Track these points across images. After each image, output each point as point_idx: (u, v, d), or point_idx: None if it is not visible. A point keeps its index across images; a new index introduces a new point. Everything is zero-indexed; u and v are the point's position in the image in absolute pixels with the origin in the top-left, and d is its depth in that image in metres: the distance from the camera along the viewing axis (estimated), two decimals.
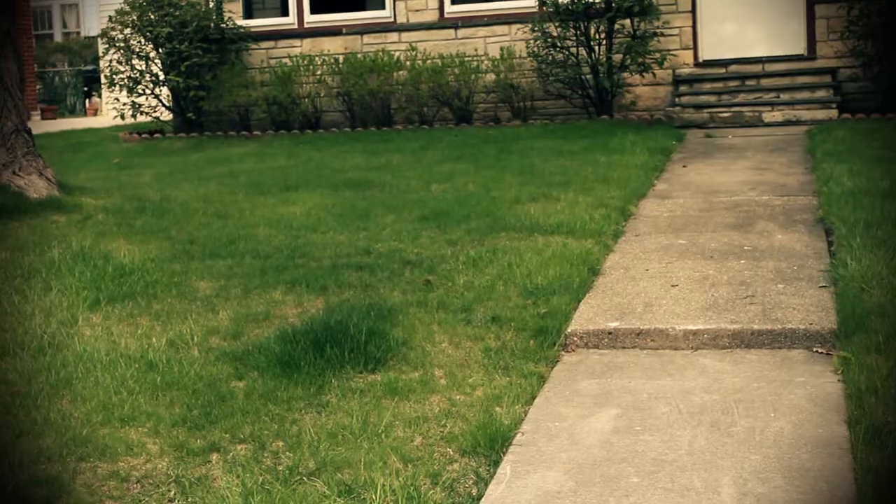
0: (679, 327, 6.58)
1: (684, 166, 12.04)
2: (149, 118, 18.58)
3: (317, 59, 17.93)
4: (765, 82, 16.40)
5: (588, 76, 16.48)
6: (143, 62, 18.10)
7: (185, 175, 12.52)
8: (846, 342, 6.14)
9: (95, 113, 32.86)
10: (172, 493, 5.02)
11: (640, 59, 15.96)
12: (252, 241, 8.79)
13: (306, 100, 17.69)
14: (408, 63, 17.43)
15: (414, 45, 17.86)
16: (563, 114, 17.15)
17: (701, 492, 4.72)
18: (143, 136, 18.11)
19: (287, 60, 18.12)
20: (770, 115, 15.68)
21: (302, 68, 17.76)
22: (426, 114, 17.35)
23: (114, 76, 18.06)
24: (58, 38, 40.53)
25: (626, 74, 16.62)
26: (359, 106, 17.51)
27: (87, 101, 35.53)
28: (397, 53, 17.77)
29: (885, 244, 7.60)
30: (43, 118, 29.39)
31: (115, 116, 18.96)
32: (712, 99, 16.27)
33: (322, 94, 17.86)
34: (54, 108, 31.74)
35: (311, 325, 6.58)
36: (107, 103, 24.23)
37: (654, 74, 16.48)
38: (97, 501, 4.91)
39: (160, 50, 17.82)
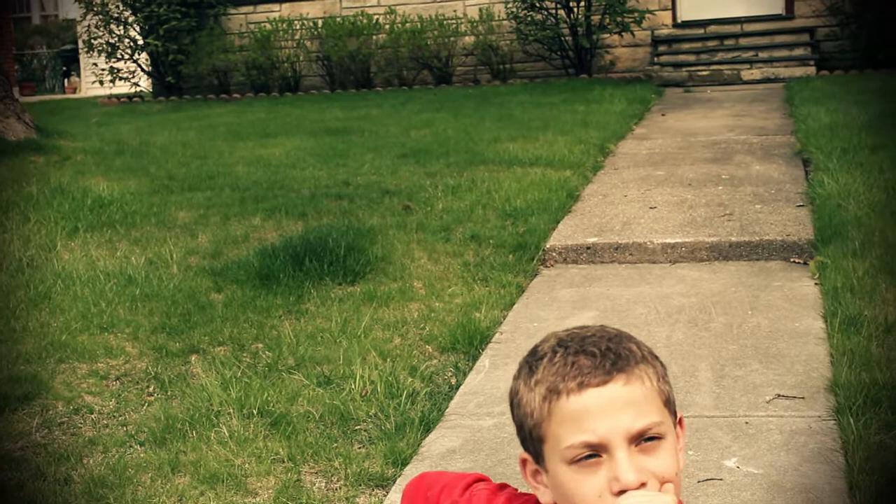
0: (657, 241, 6.61)
1: (663, 115, 12.06)
2: (128, 84, 18.48)
3: (296, 23, 17.86)
4: (743, 41, 16.40)
5: (567, 38, 16.47)
6: (122, 27, 18.00)
7: (164, 127, 12.48)
8: (823, 249, 6.18)
9: (74, 91, 32.66)
10: (151, 388, 5.03)
11: (618, 19, 15.93)
12: (231, 177, 8.77)
13: (286, 63, 17.62)
14: (387, 26, 17.38)
15: (393, 7, 17.79)
16: (543, 75, 17.13)
17: (678, 376, 4.75)
18: (122, 100, 18.04)
19: (266, 25, 18.05)
20: (749, 73, 15.69)
21: (281, 31, 17.69)
22: (406, 76, 17.31)
23: (92, 41, 17.95)
24: (36, 20, 40.32)
25: (605, 35, 16.60)
26: (338, 69, 17.47)
27: (65, 80, 35.35)
28: (376, 17, 17.72)
29: (861, 166, 7.65)
30: (22, 94, 29.22)
31: (94, 82, 18.87)
32: (691, 58, 16.27)
33: (301, 59, 17.80)
34: (33, 86, 31.57)
35: (290, 242, 6.58)
36: (86, 68, 24.07)
37: (632, 34, 16.45)
38: (76, 396, 4.92)
39: (138, 14, 17.72)
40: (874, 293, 5.39)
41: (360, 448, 4.31)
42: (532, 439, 1.72)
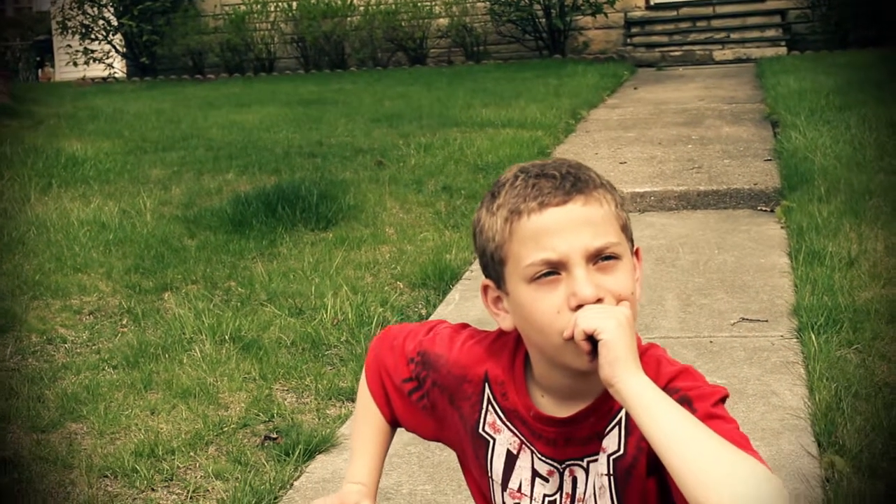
0: (626, 190, 6.69)
1: (635, 88, 12.16)
2: (102, 66, 18.44)
3: (270, 4, 17.88)
4: (715, 23, 16.50)
5: (541, 19, 16.54)
6: (95, 8, 17.97)
7: (137, 100, 12.50)
8: (790, 195, 6.27)
9: (49, 80, 32.55)
10: (125, 321, 5.06)
11: (591, 0, 16.02)
12: (205, 139, 8.82)
13: (260, 44, 17.64)
14: (361, 7, 17.42)
15: None
16: (517, 56, 17.19)
17: (645, 305, 4.81)
18: (97, 81, 18.03)
19: (241, 6, 18.06)
20: (721, 54, 15.80)
21: (256, 13, 17.71)
22: (380, 57, 17.35)
23: (66, 22, 17.92)
24: (9, 13, 40.13)
25: (578, 17, 16.67)
26: (313, 50, 17.49)
27: (39, 70, 35.21)
28: None
29: (829, 123, 7.76)
30: None
31: (68, 63, 18.83)
32: (664, 39, 16.37)
33: (276, 40, 17.82)
34: (7, 74, 31.39)
35: (263, 191, 6.63)
36: (59, 50, 23.96)
37: (606, 16, 16.53)
38: (49, 328, 4.95)
39: None
40: (838, 232, 5.48)
41: (330, 369, 4.37)
42: (494, 263, 1.77)
